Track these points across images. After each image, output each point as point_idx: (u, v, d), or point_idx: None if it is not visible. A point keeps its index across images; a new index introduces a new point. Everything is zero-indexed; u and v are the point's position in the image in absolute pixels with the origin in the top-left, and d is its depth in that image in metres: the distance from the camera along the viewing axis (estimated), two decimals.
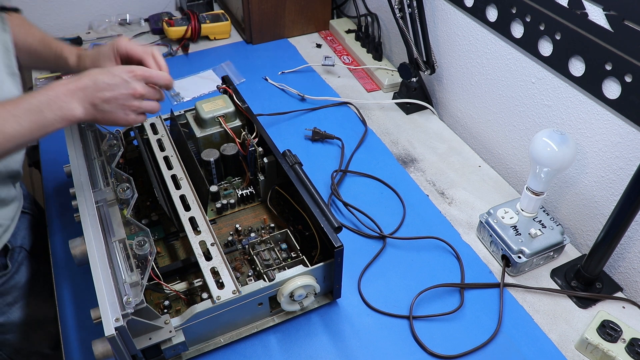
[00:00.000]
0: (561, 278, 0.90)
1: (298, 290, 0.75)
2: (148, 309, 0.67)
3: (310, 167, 1.08)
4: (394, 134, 1.19)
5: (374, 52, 1.39)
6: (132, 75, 0.75)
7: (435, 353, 0.79)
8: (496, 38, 1.04)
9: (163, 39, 1.47)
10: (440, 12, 1.18)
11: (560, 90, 0.94)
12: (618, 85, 0.82)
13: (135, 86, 0.75)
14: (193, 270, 0.83)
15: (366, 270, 0.90)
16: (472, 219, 1.00)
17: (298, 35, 1.53)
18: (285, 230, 0.85)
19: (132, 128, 0.96)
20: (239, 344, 0.79)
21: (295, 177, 0.84)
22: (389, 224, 0.98)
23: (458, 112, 1.24)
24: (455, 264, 0.92)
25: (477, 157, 1.14)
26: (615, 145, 0.86)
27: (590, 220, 0.95)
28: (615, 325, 0.78)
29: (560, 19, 0.88)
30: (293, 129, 1.19)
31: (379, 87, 1.34)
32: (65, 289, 0.87)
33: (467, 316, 0.84)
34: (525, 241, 0.88)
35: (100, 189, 0.82)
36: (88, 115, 0.72)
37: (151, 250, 0.73)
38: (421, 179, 1.09)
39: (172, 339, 0.70)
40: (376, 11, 1.40)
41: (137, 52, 0.84)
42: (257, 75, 1.36)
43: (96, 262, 0.70)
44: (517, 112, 1.05)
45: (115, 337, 0.62)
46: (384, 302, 0.85)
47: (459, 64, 1.18)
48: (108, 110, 0.73)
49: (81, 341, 0.79)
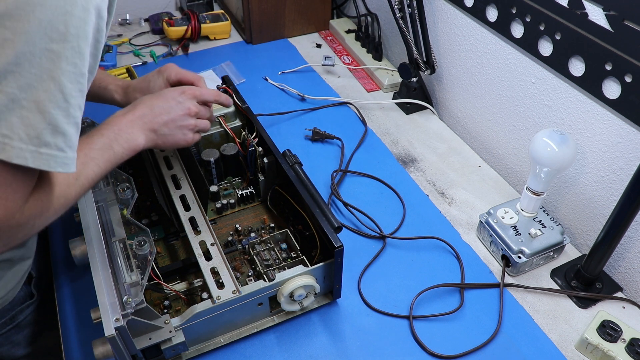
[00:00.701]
0: (561, 278, 0.90)
1: (298, 290, 0.75)
2: (148, 309, 0.67)
3: (310, 167, 1.08)
4: (394, 134, 1.19)
5: (374, 52, 1.39)
6: (184, 96, 0.78)
7: (435, 353, 0.79)
8: (496, 38, 1.04)
9: (163, 39, 1.47)
10: (440, 12, 1.18)
11: (560, 90, 0.94)
12: (618, 85, 0.82)
13: (188, 105, 0.78)
14: (193, 270, 0.83)
15: (366, 270, 0.90)
16: (472, 219, 1.00)
17: (298, 35, 1.53)
18: (285, 230, 0.85)
19: None
20: (239, 344, 0.79)
21: (295, 177, 0.84)
22: (389, 224, 0.98)
23: (458, 112, 1.24)
24: (455, 264, 0.92)
25: (477, 157, 1.14)
26: (615, 145, 0.86)
27: (590, 220, 0.95)
28: (615, 325, 0.78)
29: (560, 19, 0.88)
30: (293, 129, 1.19)
31: (379, 87, 1.34)
32: (65, 289, 0.87)
33: (467, 316, 0.84)
34: (525, 241, 0.88)
35: (100, 189, 0.82)
36: (150, 142, 0.74)
37: (151, 250, 0.73)
38: (421, 179, 1.09)
39: (172, 339, 0.70)
40: (376, 11, 1.40)
41: (189, 77, 0.86)
42: (257, 75, 1.36)
43: (96, 262, 0.70)
44: (517, 112, 1.05)
45: (115, 337, 0.62)
46: (384, 302, 0.85)
47: (459, 64, 1.18)
48: (168, 134, 0.76)
49: (81, 341, 0.79)
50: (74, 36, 0.51)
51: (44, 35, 0.48)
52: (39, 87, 0.49)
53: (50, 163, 0.52)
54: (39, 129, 0.50)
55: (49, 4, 0.48)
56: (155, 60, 1.39)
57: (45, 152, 0.51)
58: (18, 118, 0.48)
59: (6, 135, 0.48)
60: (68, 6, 0.49)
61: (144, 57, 1.40)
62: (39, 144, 0.50)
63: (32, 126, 0.50)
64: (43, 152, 0.51)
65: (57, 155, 0.52)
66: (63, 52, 0.50)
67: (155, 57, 1.40)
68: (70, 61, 0.51)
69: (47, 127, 0.51)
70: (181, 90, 0.79)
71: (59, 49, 0.50)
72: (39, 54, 0.48)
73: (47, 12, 0.48)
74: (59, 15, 0.49)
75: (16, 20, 0.47)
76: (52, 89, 0.50)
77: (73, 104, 0.53)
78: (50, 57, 0.49)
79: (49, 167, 0.52)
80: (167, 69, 0.86)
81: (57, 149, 0.52)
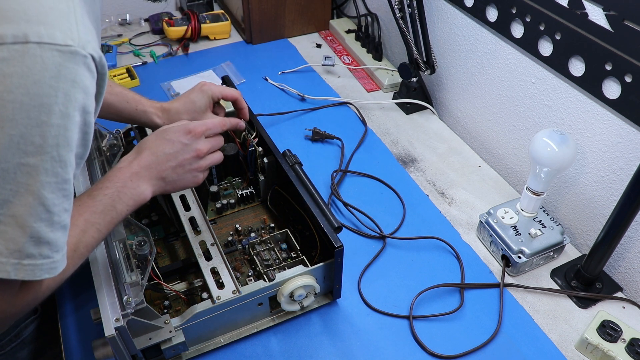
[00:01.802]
0: (561, 278, 0.89)
1: (298, 290, 0.75)
2: (148, 309, 0.67)
3: (310, 167, 1.08)
4: (394, 134, 1.19)
5: (374, 52, 1.39)
6: (191, 136, 0.71)
7: (435, 353, 0.79)
8: (496, 38, 1.04)
9: (163, 39, 1.47)
10: (440, 12, 1.18)
11: (560, 90, 0.94)
12: (618, 85, 0.82)
13: (196, 147, 0.71)
14: (193, 270, 0.83)
15: (366, 270, 0.90)
16: (472, 219, 1.00)
17: (298, 35, 1.53)
18: (285, 230, 0.85)
19: (132, 128, 0.96)
20: (239, 344, 0.79)
21: (295, 177, 0.84)
22: (389, 224, 0.98)
23: (458, 112, 1.24)
24: (455, 264, 0.92)
25: (477, 157, 1.14)
26: (615, 145, 0.86)
27: (590, 220, 0.95)
28: (615, 325, 0.78)
29: (560, 19, 0.88)
30: (293, 129, 1.19)
31: (379, 87, 1.34)
32: (65, 289, 0.87)
33: (467, 316, 0.84)
34: (525, 241, 0.88)
35: None
36: (158, 190, 0.68)
37: (151, 250, 0.73)
38: (421, 179, 1.09)
39: (172, 339, 0.70)
40: (376, 11, 1.40)
41: (231, 94, 0.85)
42: (257, 75, 1.36)
43: (96, 262, 0.70)
44: (517, 112, 1.05)
45: (115, 337, 0.62)
46: (384, 302, 0.85)
47: (459, 64, 1.18)
48: (176, 179, 0.70)
49: (81, 341, 0.79)
50: (52, 146, 0.47)
51: (17, 150, 0.45)
52: (16, 202, 0.46)
53: (35, 272, 0.49)
54: (19, 243, 0.47)
55: (19, 118, 0.44)
56: (155, 60, 1.39)
57: (29, 263, 0.48)
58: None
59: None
60: (44, 116, 0.45)
61: (144, 57, 1.40)
62: (21, 257, 0.47)
63: (12, 240, 0.47)
64: (26, 263, 0.48)
65: (43, 263, 0.49)
66: (41, 165, 0.46)
67: (155, 57, 1.40)
68: (50, 172, 0.47)
69: (29, 240, 0.48)
70: (187, 129, 0.71)
71: (36, 162, 0.46)
72: (13, 169, 0.45)
73: (18, 126, 0.44)
74: (32, 128, 0.45)
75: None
76: (32, 203, 0.47)
77: (57, 211, 0.49)
78: (27, 170, 0.46)
79: (34, 276, 0.49)
80: (209, 88, 0.83)
81: (41, 257, 0.49)
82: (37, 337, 0.88)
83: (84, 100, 0.49)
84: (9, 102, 0.44)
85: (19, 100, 0.44)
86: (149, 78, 1.33)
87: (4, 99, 0.43)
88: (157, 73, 1.36)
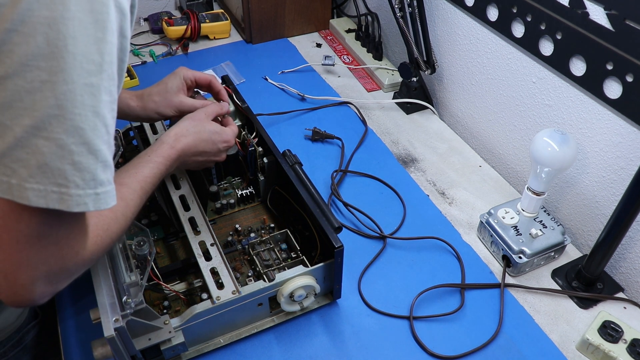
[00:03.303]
0: (562, 278, 0.89)
1: (298, 291, 0.75)
2: (147, 310, 0.66)
3: (310, 167, 1.08)
4: (394, 134, 1.19)
5: (374, 52, 1.39)
6: (226, 145, 0.82)
7: (436, 354, 0.78)
8: (497, 37, 1.04)
9: (162, 38, 1.47)
10: (440, 11, 1.18)
11: (561, 90, 0.93)
12: (619, 85, 0.81)
13: (223, 156, 0.84)
14: (193, 271, 0.83)
15: (366, 271, 0.90)
16: (473, 219, 0.99)
17: (298, 34, 1.53)
18: (285, 230, 0.85)
19: (132, 128, 0.96)
20: (239, 345, 0.79)
21: (295, 177, 0.84)
22: (389, 224, 0.98)
23: (458, 111, 1.24)
24: (456, 264, 0.92)
25: (477, 157, 1.14)
26: (616, 145, 0.86)
27: (591, 220, 0.95)
28: (616, 326, 0.78)
29: (561, 18, 0.87)
30: (293, 129, 1.19)
31: (379, 87, 1.34)
32: (65, 289, 0.86)
33: (467, 317, 0.84)
34: (526, 241, 0.88)
35: None
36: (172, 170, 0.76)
37: (151, 250, 0.73)
38: (421, 179, 1.08)
39: (172, 339, 0.69)
40: (376, 10, 1.40)
41: (204, 78, 0.88)
42: (257, 75, 1.36)
43: (95, 263, 0.70)
44: (518, 112, 1.05)
45: (114, 338, 0.62)
46: (384, 303, 0.85)
47: (459, 63, 1.17)
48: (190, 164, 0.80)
49: (81, 341, 0.79)
50: (108, 64, 0.47)
51: (81, 70, 0.45)
52: (86, 127, 0.46)
53: (107, 200, 0.50)
54: (93, 171, 0.47)
55: (79, 35, 0.44)
56: (154, 59, 1.39)
57: (102, 191, 0.49)
58: (70, 165, 0.45)
59: (61, 184, 0.45)
60: (99, 33, 0.46)
61: (144, 56, 1.40)
62: (96, 185, 0.48)
63: (86, 170, 0.47)
64: (100, 191, 0.48)
65: (110, 190, 0.50)
66: (101, 84, 0.47)
67: (155, 56, 1.40)
68: (107, 91, 0.48)
69: (99, 166, 0.48)
70: (227, 139, 0.82)
71: (98, 82, 0.46)
72: (80, 91, 0.45)
73: (79, 44, 0.44)
74: (91, 45, 0.45)
75: (50, 58, 0.43)
76: (98, 125, 0.47)
77: (111, 132, 0.50)
78: (91, 91, 0.46)
79: (107, 204, 0.49)
80: (181, 70, 0.86)
81: (109, 183, 0.50)
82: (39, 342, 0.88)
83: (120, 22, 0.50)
84: (69, 20, 0.44)
85: (78, 17, 0.44)
86: (148, 78, 1.32)
87: (64, 17, 0.43)
88: (156, 73, 1.35)
